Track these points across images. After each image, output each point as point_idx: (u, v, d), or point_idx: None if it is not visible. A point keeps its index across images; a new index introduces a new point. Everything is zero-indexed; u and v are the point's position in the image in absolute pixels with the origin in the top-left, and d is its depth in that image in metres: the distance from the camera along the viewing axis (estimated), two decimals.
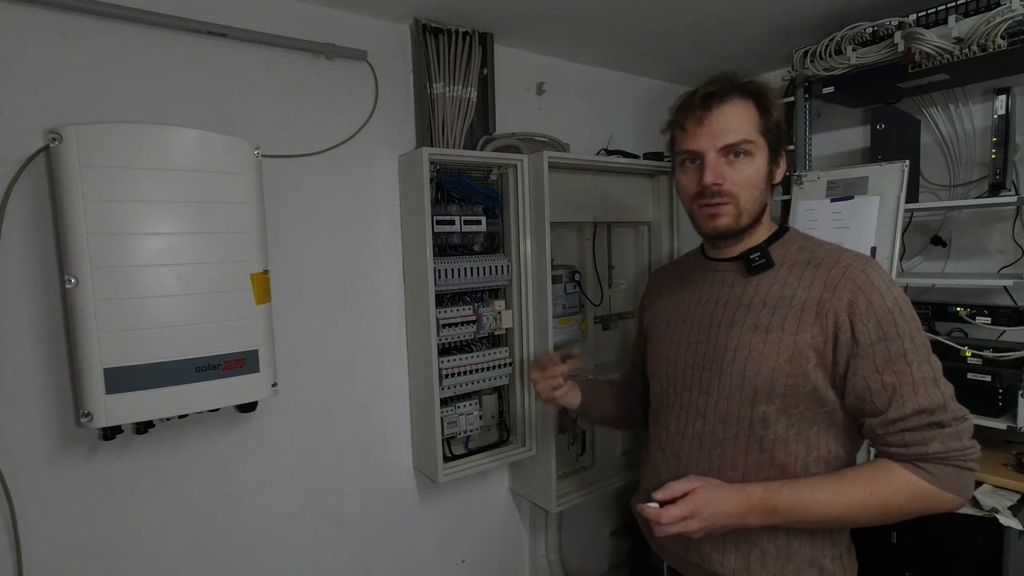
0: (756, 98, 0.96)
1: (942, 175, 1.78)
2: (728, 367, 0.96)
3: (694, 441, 1.00)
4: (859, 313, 0.88)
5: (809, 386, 0.91)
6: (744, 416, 0.95)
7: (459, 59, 1.64)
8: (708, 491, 0.89)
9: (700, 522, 0.88)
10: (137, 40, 1.28)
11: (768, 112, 0.96)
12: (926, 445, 0.85)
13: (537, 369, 1.23)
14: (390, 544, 1.72)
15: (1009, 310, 1.51)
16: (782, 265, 0.98)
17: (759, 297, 0.97)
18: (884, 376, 0.87)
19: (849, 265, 0.91)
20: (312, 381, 1.54)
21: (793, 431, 0.93)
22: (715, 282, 1.04)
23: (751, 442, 0.94)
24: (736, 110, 0.95)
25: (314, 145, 1.52)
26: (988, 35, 1.34)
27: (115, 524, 1.30)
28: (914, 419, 0.85)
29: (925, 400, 0.85)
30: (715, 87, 0.95)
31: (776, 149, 0.98)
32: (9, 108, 1.16)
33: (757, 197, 0.97)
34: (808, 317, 0.91)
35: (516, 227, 1.70)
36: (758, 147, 0.95)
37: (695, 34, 1.79)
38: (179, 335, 1.20)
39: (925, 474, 0.86)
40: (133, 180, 1.15)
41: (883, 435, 0.89)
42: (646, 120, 2.24)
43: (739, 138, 0.94)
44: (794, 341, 0.91)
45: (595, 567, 2.19)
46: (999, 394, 1.40)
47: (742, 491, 0.90)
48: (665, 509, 0.89)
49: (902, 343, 0.87)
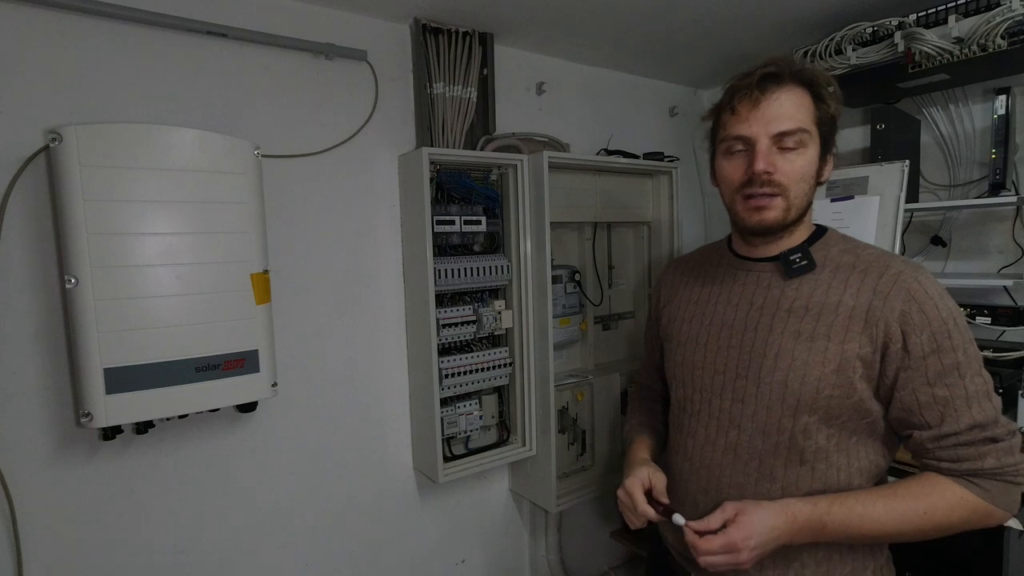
0: (812, 87, 0.90)
1: (942, 175, 1.78)
2: (768, 376, 0.90)
3: (728, 452, 0.94)
4: (912, 324, 0.83)
5: (855, 397, 0.86)
6: (785, 427, 0.89)
7: (459, 59, 1.64)
8: (749, 519, 0.83)
9: (748, 553, 0.82)
10: (137, 40, 1.28)
11: (823, 102, 0.90)
12: (981, 460, 0.82)
13: (629, 510, 0.99)
14: (390, 544, 1.72)
15: (1009, 310, 1.51)
16: (824, 268, 0.91)
17: (800, 301, 0.90)
18: (936, 389, 0.83)
19: (901, 272, 0.86)
20: (312, 381, 1.54)
21: (834, 441, 0.89)
22: (748, 283, 0.97)
23: (791, 454, 0.89)
24: (792, 97, 0.88)
25: (314, 145, 1.52)
26: (988, 35, 1.34)
27: (115, 524, 1.31)
28: (968, 434, 0.82)
29: (980, 415, 0.82)
30: (773, 68, 0.88)
31: (827, 144, 0.92)
32: (9, 108, 1.16)
33: (806, 192, 0.91)
34: (856, 326, 0.86)
35: (516, 227, 1.70)
36: (812, 139, 0.89)
37: (695, 34, 1.79)
38: (179, 335, 1.20)
39: (978, 489, 0.82)
40: (133, 180, 1.15)
41: (932, 449, 0.85)
42: (646, 120, 2.23)
43: (795, 126, 0.87)
44: (841, 351, 0.86)
45: (595, 567, 2.19)
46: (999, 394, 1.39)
47: (786, 510, 0.84)
48: (704, 540, 0.83)
49: (956, 356, 0.83)
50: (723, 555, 0.83)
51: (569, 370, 1.96)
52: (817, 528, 0.85)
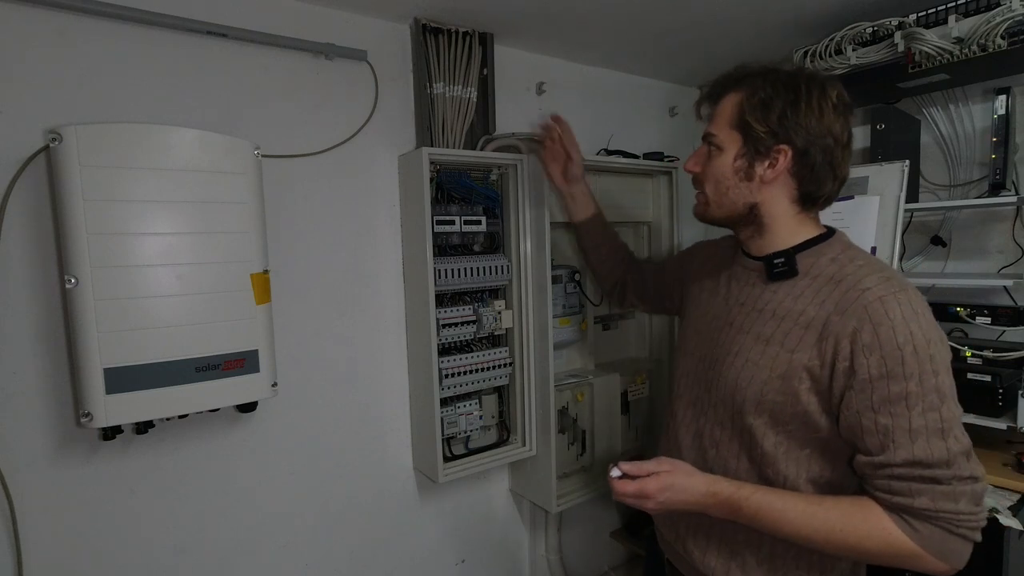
0: (745, 88, 0.93)
1: (942, 175, 1.78)
2: (726, 372, 0.94)
3: (696, 437, 1.01)
4: (862, 344, 0.80)
5: (799, 407, 0.86)
6: (737, 423, 0.93)
7: (459, 59, 1.64)
8: (671, 478, 0.91)
9: (654, 504, 0.91)
10: (137, 40, 1.28)
11: (755, 104, 0.90)
12: (912, 497, 0.78)
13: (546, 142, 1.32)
14: (390, 544, 1.72)
15: (1009, 310, 1.51)
16: (805, 276, 0.91)
17: (772, 306, 0.92)
18: (878, 416, 0.80)
19: (868, 289, 0.83)
20: (312, 381, 1.54)
21: (782, 450, 0.89)
22: (740, 280, 1.01)
23: (741, 451, 0.94)
24: (727, 102, 0.95)
25: (314, 145, 1.52)
26: (988, 35, 1.34)
27: (115, 524, 1.30)
28: (904, 468, 0.79)
29: (922, 452, 0.77)
30: (722, 76, 0.98)
31: (757, 146, 0.91)
32: (9, 108, 1.16)
33: (724, 192, 0.96)
34: (810, 337, 0.85)
35: (516, 227, 1.70)
36: (728, 142, 0.94)
37: (695, 34, 1.79)
38: (179, 335, 1.20)
39: (908, 528, 0.79)
40: (133, 180, 1.15)
41: (870, 476, 0.83)
42: (646, 120, 2.23)
43: (711, 130, 0.97)
44: (790, 359, 0.87)
45: (595, 567, 2.19)
46: (999, 394, 1.40)
47: (711, 486, 0.90)
48: (622, 481, 0.92)
49: (906, 384, 0.78)
50: (634, 499, 0.91)
51: (569, 370, 1.96)
52: (732, 508, 0.89)
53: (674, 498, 0.90)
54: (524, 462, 1.82)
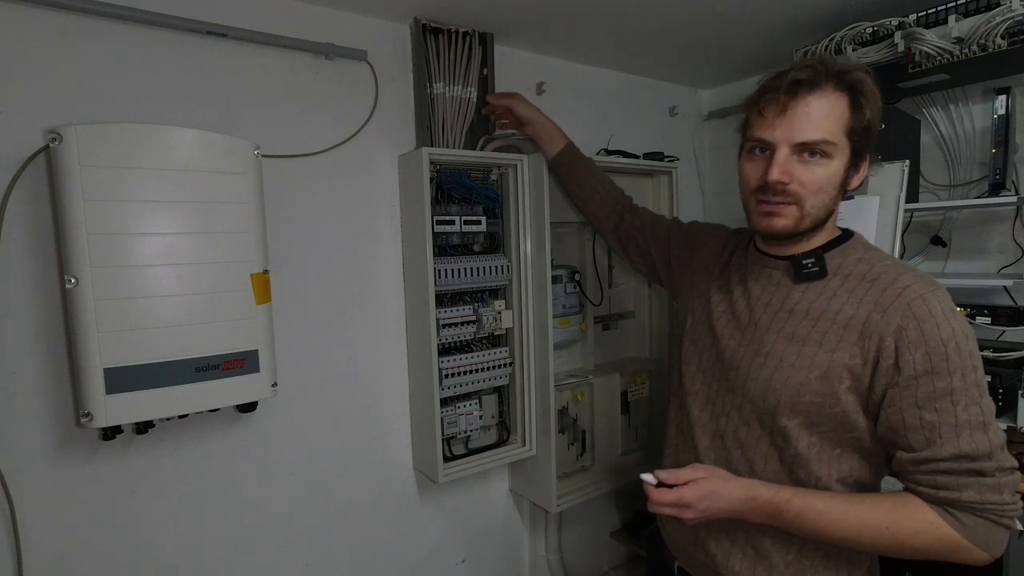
0: (851, 93, 0.86)
1: (942, 175, 1.78)
2: (756, 372, 0.92)
3: (716, 437, 0.97)
4: (907, 341, 0.81)
5: (838, 407, 0.85)
6: (766, 424, 0.91)
7: (459, 59, 1.64)
8: (709, 485, 0.87)
9: (694, 513, 0.87)
10: (137, 40, 1.28)
11: (861, 110, 0.86)
12: (959, 491, 0.79)
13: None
14: (390, 544, 1.72)
15: (1009, 310, 1.51)
16: (835, 276, 0.90)
17: (803, 306, 0.90)
18: (924, 412, 0.80)
19: (908, 287, 0.83)
20: (312, 381, 1.54)
21: (815, 450, 0.88)
22: (762, 279, 0.98)
23: (771, 451, 0.91)
24: (824, 104, 0.84)
25: (314, 145, 1.52)
26: (988, 35, 1.34)
27: (115, 524, 1.30)
28: (951, 463, 0.79)
29: (968, 445, 0.78)
30: (806, 73, 0.85)
31: (860, 153, 0.89)
32: (9, 108, 1.16)
33: (825, 203, 0.88)
34: (850, 336, 0.85)
35: (516, 227, 1.70)
36: (838, 149, 0.86)
37: (695, 34, 1.79)
38: (179, 335, 1.20)
39: (954, 521, 0.79)
40: (133, 180, 1.15)
41: (913, 472, 0.83)
42: (646, 120, 2.23)
43: (819, 136, 0.84)
44: (830, 359, 0.85)
45: (595, 567, 2.19)
46: (999, 394, 1.39)
47: (749, 489, 0.87)
48: (660, 491, 0.88)
49: (950, 380, 0.79)
50: (672, 508, 0.88)
51: (569, 370, 1.96)
52: (773, 513, 0.86)
53: (713, 506, 0.87)
54: (524, 462, 1.82)
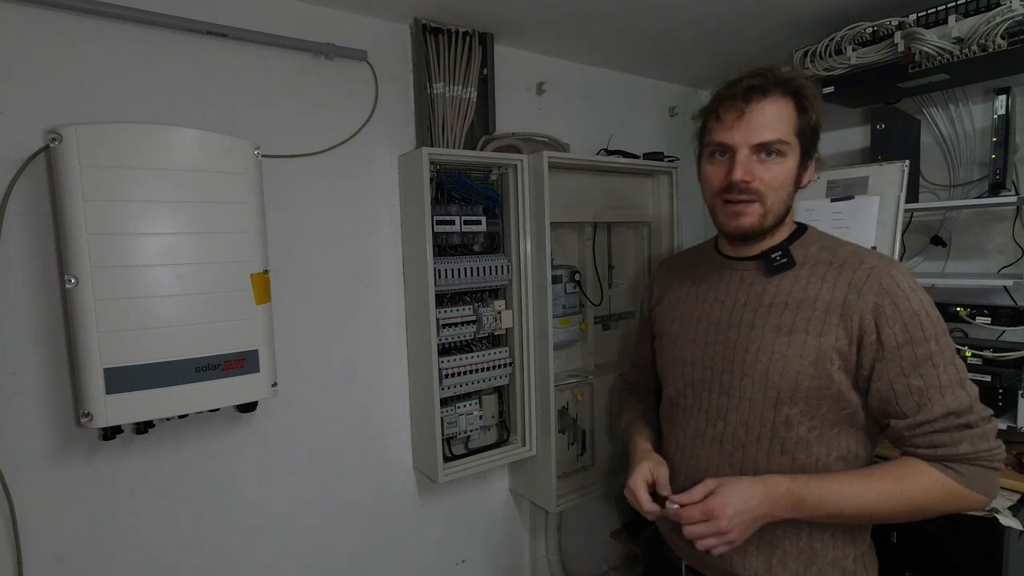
0: (796, 97, 0.93)
1: (942, 175, 1.78)
2: (750, 369, 0.94)
3: (715, 443, 0.99)
4: (885, 316, 0.87)
5: (833, 388, 0.90)
6: (767, 419, 0.93)
7: (459, 59, 1.64)
8: (726, 489, 0.88)
9: (728, 521, 0.86)
10: (137, 40, 1.28)
11: (806, 113, 0.94)
12: (955, 446, 0.86)
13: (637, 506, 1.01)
14: (390, 544, 1.72)
15: (1009, 310, 1.51)
16: (803, 265, 0.96)
17: (780, 298, 0.95)
18: (910, 379, 0.87)
19: (874, 267, 0.91)
20: (312, 381, 1.54)
21: (815, 433, 0.92)
22: (733, 281, 1.02)
23: (773, 445, 0.93)
24: (775, 107, 0.92)
25: (314, 145, 1.52)
26: (988, 35, 1.34)
27: (115, 524, 1.31)
28: (942, 421, 0.86)
29: (953, 403, 0.86)
30: (758, 80, 0.92)
31: (808, 152, 0.96)
32: (9, 108, 1.16)
33: (784, 199, 0.95)
34: (832, 319, 0.90)
35: (516, 227, 1.70)
36: (791, 148, 0.93)
37: (695, 34, 1.79)
38: (179, 335, 1.20)
39: (954, 473, 0.86)
40: (133, 180, 1.15)
41: (909, 437, 0.88)
42: (646, 120, 2.23)
43: (774, 137, 0.91)
44: (818, 343, 0.90)
45: (595, 567, 2.19)
46: (999, 394, 1.39)
47: (765, 481, 0.89)
48: (685, 510, 0.89)
49: (928, 346, 0.86)
50: (703, 523, 0.87)
51: (569, 370, 1.96)
52: (796, 501, 0.88)
53: (740, 508, 0.86)
54: (524, 462, 1.82)
